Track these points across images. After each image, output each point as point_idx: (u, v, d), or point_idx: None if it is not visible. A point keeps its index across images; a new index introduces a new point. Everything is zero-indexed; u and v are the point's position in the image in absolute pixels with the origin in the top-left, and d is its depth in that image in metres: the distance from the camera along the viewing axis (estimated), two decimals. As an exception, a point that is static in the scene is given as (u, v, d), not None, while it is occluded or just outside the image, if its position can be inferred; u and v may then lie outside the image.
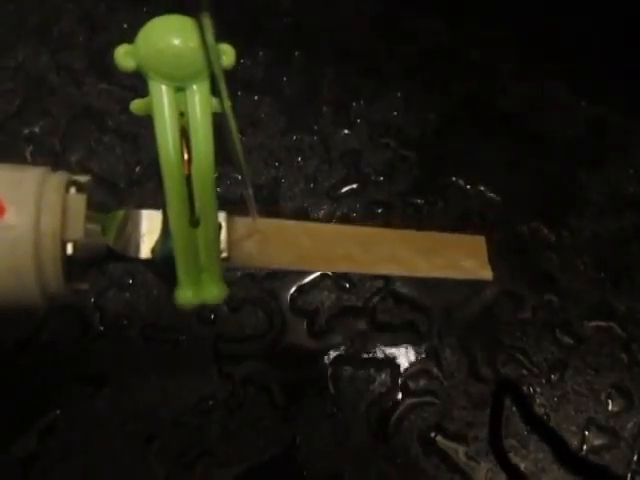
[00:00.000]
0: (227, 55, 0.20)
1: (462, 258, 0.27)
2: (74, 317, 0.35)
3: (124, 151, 0.40)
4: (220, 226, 0.22)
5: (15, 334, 0.34)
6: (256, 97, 0.43)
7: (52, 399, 0.33)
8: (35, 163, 0.20)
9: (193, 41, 0.19)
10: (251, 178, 0.38)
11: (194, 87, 0.20)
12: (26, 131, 0.41)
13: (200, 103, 0.20)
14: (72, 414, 0.33)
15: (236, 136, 0.20)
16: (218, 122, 0.20)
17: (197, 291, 0.21)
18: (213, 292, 0.21)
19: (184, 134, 0.20)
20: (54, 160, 0.40)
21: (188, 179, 0.20)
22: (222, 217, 0.22)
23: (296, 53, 0.45)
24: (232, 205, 0.23)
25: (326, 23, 0.46)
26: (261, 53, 0.44)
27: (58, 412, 0.33)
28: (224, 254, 0.22)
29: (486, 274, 0.27)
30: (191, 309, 0.21)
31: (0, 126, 0.41)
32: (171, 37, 0.19)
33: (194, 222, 0.20)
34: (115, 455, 0.32)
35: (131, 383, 0.34)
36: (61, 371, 0.34)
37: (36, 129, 0.41)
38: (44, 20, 0.45)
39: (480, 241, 0.27)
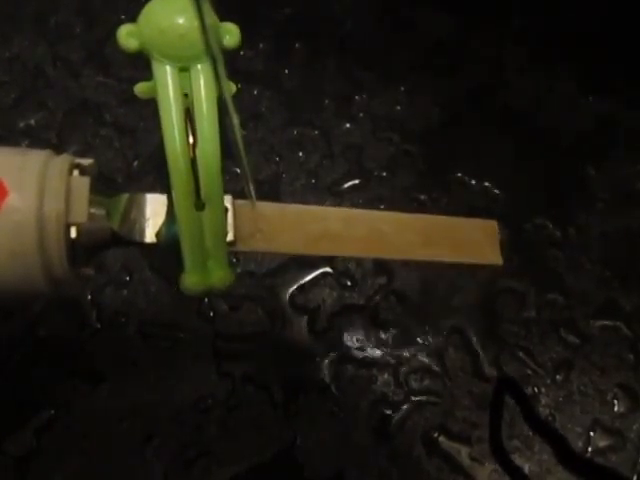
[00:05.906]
0: (231, 35, 0.20)
1: (472, 242, 0.26)
2: (71, 314, 0.35)
3: (122, 145, 0.40)
4: (226, 209, 0.22)
5: (11, 331, 0.34)
6: (256, 90, 0.42)
7: (49, 397, 0.33)
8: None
9: (197, 20, 0.19)
10: (251, 172, 0.38)
11: (198, 67, 0.20)
12: (22, 124, 0.40)
13: (205, 84, 0.20)
14: (69, 412, 0.32)
15: (236, 121, 0.19)
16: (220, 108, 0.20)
17: (203, 275, 0.21)
18: (220, 275, 0.21)
19: (188, 116, 0.19)
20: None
21: (193, 162, 0.20)
22: (228, 200, 0.22)
23: (297, 45, 0.44)
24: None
25: (328, 15, 0.45)
26: (261, 45, 0.44)
27: (55, 410, 0.32)
28: (230, 237, 0.22)
29: (496, 259, 0.26)
30: (197, 294, 0.21)
31: (-4, 119, 0.40)
32: (175, 16, 0.19)
33: (200, 206, 0.20)
34: (113, 454, 0.32)
35: (129, 381, 0.33)
36: (58, 368, 0.34)
37: (32, 122, 0.40)
38: (41, 11, 0.44)
39: (492, 225, 0.27)
